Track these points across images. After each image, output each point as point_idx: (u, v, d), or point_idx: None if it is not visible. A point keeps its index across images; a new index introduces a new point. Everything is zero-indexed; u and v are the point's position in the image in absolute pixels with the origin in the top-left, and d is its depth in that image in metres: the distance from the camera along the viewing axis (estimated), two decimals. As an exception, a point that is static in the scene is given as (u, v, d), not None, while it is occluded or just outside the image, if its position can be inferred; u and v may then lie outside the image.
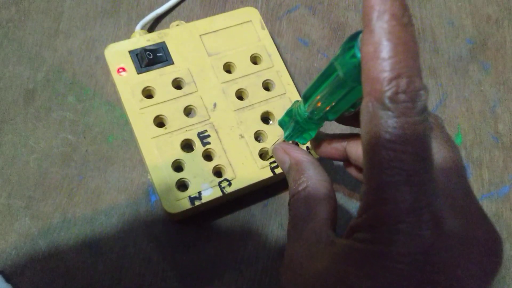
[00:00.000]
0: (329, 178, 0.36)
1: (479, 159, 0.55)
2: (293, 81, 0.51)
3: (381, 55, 0.25)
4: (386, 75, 0.24)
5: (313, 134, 0.39)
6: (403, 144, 0.24)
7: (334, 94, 0.32)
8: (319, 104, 0.34)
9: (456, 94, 0.58)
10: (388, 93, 0.24)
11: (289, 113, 0.39)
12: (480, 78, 0.59)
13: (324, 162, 0.49)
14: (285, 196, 0.50)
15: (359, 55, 0.27)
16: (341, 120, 0.37)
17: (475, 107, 0.57)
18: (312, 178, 0.35)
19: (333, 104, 0.33)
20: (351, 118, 0.36)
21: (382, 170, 0.25)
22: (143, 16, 0.55)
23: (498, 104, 0.58)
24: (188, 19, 0.57)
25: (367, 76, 0.25)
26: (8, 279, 0.44)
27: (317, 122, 0.37)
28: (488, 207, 0.53)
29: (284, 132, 0.41)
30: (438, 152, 0.30)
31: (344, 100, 0.32)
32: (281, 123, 0.41)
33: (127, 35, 0.55)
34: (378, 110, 0.25)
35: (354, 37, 0.28)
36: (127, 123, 0.50)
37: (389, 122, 0.25)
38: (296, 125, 0.38)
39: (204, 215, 0.48)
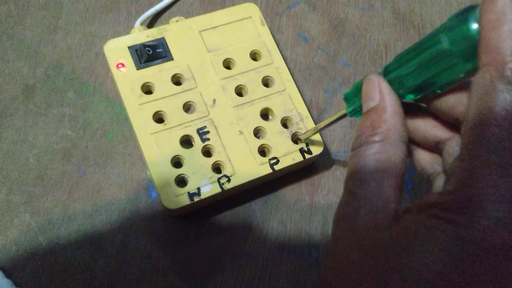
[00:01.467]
0: (408, 139, 0.32)
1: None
2: (293, 77, 0.52)
3: (505, 23, 0.23)
4: (510, 44, 0.23)
5: None
6: None
7: (426, 69, 0.30)
8: (403, 80, 0.31)
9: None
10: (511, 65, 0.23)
11: (358, 87, 0.35)
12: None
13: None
14: (285, 192, 0.51)
15: (474, 27, 0.26)
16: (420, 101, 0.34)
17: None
18: (393, 133, 0.30)
19: (421, 81, 0.30)
20: (429, 100, 0.32)
21: (490, 149, 0.23)
22: (143, 12, 0.56)
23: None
24: (187, 15, 0.57)
25: (487, 46, 0.24)
26: (8, 275, 0.44)
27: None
28: None
29: (348, 107, 0.37)
30: None
31: (437, 78, 0.30)
32: (347, 97, 0.37)
33: (127, 30, 0.55)
34: (497, 83, 0.23)
35: (468, 9, 0.27)
36: (126, 118, 0.51)
37: (508, 98, 0.23)
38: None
39: (204, 211, 0.48)
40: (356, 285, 0.27)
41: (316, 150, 0.48)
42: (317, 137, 0.49)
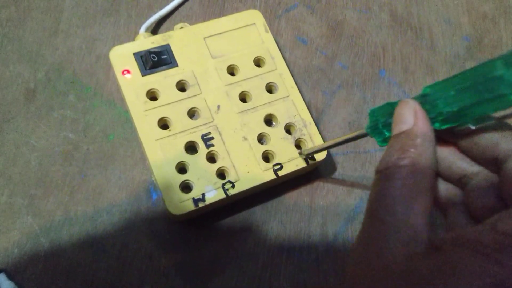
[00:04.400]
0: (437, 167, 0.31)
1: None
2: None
3: None
4: None
5: None
6: None
7: (468, 94, 0.29)
8: (438, 103, 0.31)
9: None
10: None
11: (391, 105, 0.34)
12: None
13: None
14: (287, 198, 0.52)
15: None
16: (445, 134, 0.32)
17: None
18: (423, 159, 0.29)
19: (457, 107, 0.29)
20: (455, 135, 0.32)
21: None
22: (143, 15, 0.57)
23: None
24: (187, 18, 0.58)
25: None
26: (10, 277, 0.45)
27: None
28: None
29: (369, 121, 0.36)
30: None
31: (476, 107, 0.29)
32: (373, 112, 0.36)
33: (127, 33, 0.56)
34: None
35: None
36: (127, 121, 0.52)
37: None
38: (388, 121, 0.34)
39: (206, 214, 0.49)
40: None
41: (320, 156, 0.49)
42: (320, 142, 0.50)
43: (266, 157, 0.50)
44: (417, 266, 0.26)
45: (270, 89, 0.52)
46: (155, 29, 0.57)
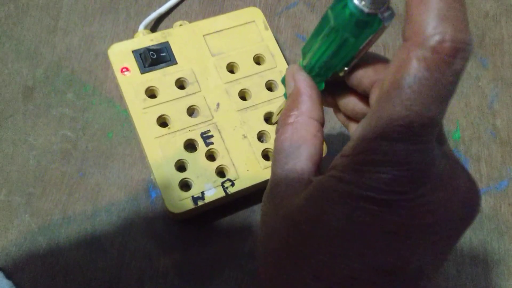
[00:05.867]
0: (323, 116, 0.35)
1: (478, 154, 0.57)
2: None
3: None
4: (433, 20, 0.24)
5: None
6: (421, 105, 0.25)
7: (326, 47, 0.32)
8: (314, 59, 0.34)
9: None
10: (433, 40, 0.24)
11: None
12: (478, 73, 0.61)
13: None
14: None
15: (351, 5, 0.28)
16: (336, 80, 0.36)
17: (473, 102, 0.60)
18: (304, 114, 0.34)
19: (326, 59, 0.33)
20: (344, 79, 0.35)
21: (391, 121, 0.25)
22: (142, 13, 0.57)
23: (496, 100, 0.60)
24: (187, 16, 0.58)
25: (411, 19, 0.25)
26: (8, 276, 0.45)
27: (315, 79, 0.36)
28: (486, 201, 0.55)
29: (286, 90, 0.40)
30: None
31: (337, 55, 0.32)
32: (283, 81, 0.40)
33: (126, 31, 0.56)
34: (413, 57, 0.25)
35: None
36: (126, 119, 0.52)
37: (419, 74, 0.24)
38: None
39: (205, 213, 0.49)
40: (276, 249, 0.30)
41: None
42: None
43: (266, 155, 0.50)
44: (292, 201, 0.30)
45: (270, 87, 0.53)
46: (154, 27, 0.58)
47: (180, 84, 0.51)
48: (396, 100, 0.25)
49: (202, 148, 0.48)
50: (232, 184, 0.47)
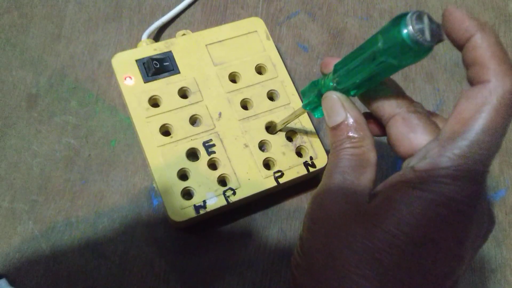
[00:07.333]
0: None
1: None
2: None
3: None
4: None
5: None
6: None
7: (366, 69, 0.33)
8: (349, 78, 0.35)
9: (454, 99, 0.60)
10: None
11: (314, 83, 0.40)
12: (477, 83, 0.61)
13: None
14: (288, 205, 0.52)
15: (404, 31, 0.29)
16: (362, 97, 0.38)
17: (471, 112, 0.60)
18: (367, 141, 0.35)
19: (360, 80, 0.34)
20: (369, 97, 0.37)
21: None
22: (145, 21, 0.58)
23: (493, 109, 0.60)
24: (189, 25, 0.59)
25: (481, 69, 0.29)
26: (11, 282, 0.46)
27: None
28: (484, 211, 0.56)
29: (304, 100, 0.42)
30: None
31: (375, 78, 0.34)
32: (304, 92, 0.42)
33: (129, 40, 0.57)
34: (497, 99, 0.28)
35: (400, 16, 0.30)
36: (129, 127, 0.52)
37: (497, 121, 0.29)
38: (318, 96, 0.39)
39: (206, 220, 0.49)
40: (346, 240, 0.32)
41: (320, 164, 0.50)
42: (320, 150, 0.51)
43: (267, 164, 0.50)
44: (361, 208, 0.32)
45: (271, 96, 0.53)
46: (157, 36, 0.58)
47: (183, 94, 0.51)
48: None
49: (204, 157, 0.49)
50: (234, 193, 0.48)
